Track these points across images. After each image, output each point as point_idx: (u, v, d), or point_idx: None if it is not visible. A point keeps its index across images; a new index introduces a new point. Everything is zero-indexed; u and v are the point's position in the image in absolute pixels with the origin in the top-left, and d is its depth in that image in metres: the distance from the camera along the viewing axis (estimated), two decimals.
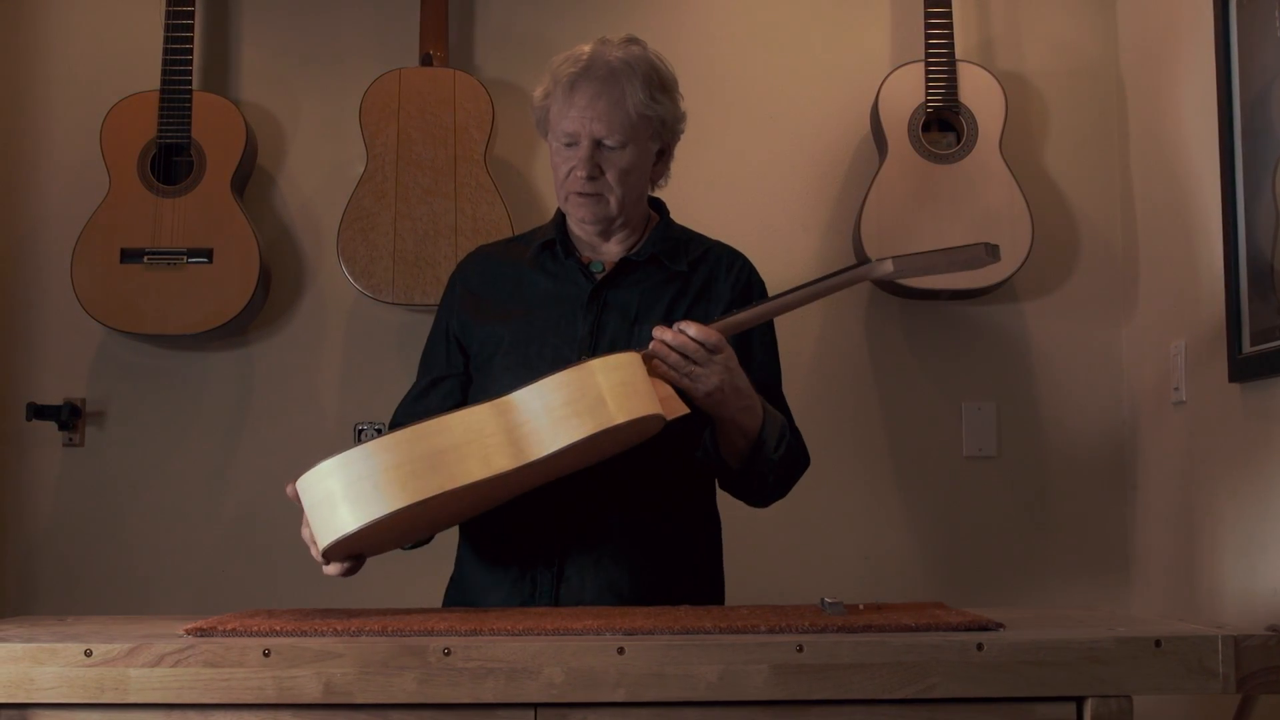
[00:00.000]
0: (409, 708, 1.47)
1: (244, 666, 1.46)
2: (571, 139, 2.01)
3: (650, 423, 1.78)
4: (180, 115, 2.91)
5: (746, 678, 1.45)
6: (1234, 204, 2.39)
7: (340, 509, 1.65)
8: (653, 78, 2.03)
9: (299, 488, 1.69)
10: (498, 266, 2.14)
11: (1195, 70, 2.60)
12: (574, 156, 2.00)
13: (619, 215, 2.05)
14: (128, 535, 3.00)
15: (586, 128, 1.99)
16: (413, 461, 1.64)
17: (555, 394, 1.71)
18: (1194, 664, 1.47)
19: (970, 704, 1.47)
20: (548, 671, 1.45)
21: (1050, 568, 3.00)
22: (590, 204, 2.03)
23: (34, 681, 1.47)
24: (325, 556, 1.74)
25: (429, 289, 2.84)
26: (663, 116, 2.04)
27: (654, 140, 2.06)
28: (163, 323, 2.87)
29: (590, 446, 1.74)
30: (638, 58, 2.03)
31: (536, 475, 1.78)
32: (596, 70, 1.99)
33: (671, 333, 1.84)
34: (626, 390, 1.74)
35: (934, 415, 3.03)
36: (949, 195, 2.88)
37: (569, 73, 2.00)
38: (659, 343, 1.85)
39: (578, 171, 2.00)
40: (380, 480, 1.63)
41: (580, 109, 1.99)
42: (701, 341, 1.84)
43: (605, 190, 2.02)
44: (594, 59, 2.00)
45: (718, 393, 1.86)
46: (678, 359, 1.84)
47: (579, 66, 2.00)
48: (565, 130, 2.01)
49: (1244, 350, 2.36)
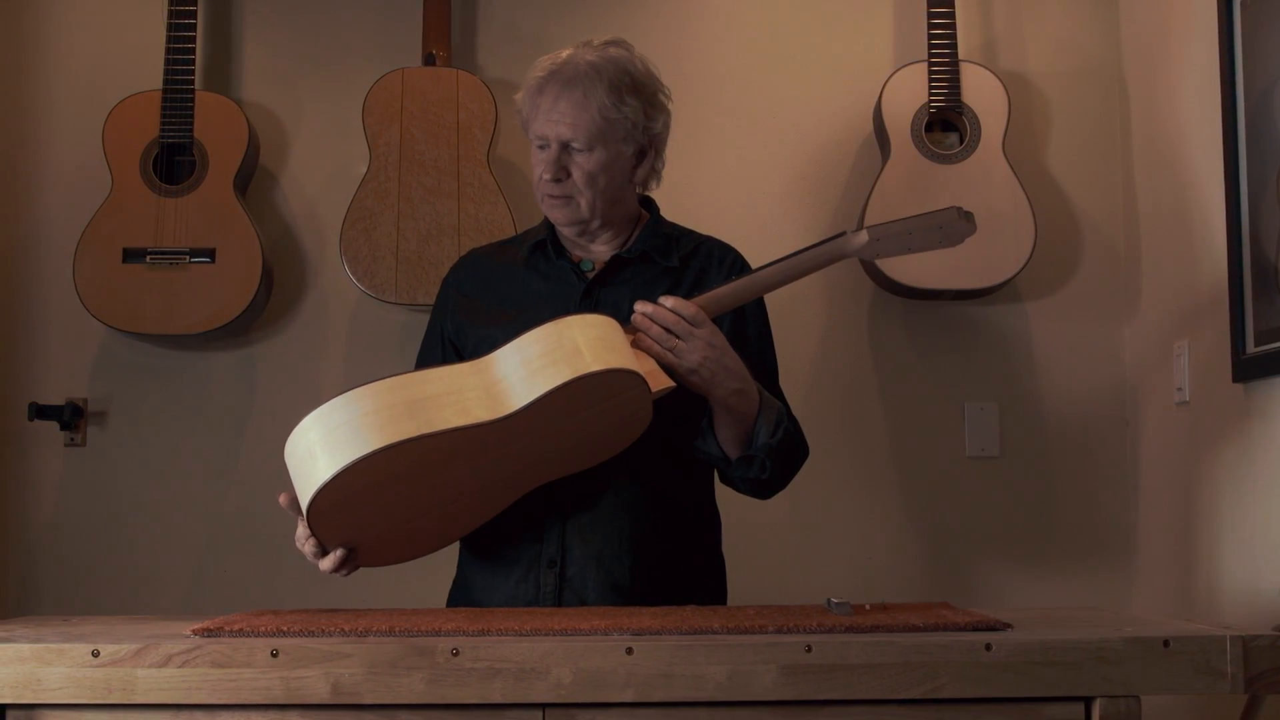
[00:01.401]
0: (417, 708, 1.47)
1: (252, 667, 1.46)
2: (542, 141, 2.04)
3: (632, 389, 1.79)
4: (182, 115, 2.90)
5: (755, 678, 1.45)
6: (1238, 203, 2.39)
7: (320, 460, 1.68)
8: (622, 80, 2.02)
9: (285, 455, 1.72)
10: (490, 269, 2.15)
11: (1197, 70, 2.60)
12: (544, 159, 2.03)
13: (592, 217, 2.06)
14: (129, 535, 2.99)
15: (553, 130, 2.01)
16: (391, 407, 1.68)
17: (532, 347, 1.76)
18: (1202, 664, 1.47)
19: (979, 704, 1.48)
20: (556, 672, 1.45)
21: (1052, 568, 3.00)
22: (560, 206, 2.05)
23: (41, 682, 1.47)
24: (311, 526, 1.77)
25: (432, 289, 2.82)
26: (632, 119, 2.03)
27: (627, 143, 2.05)
28: (165, 322, 2.87)
29: (572, 412, 1.75)
30: (609, 60, 2.03)
31: (528, 455, 1.78)
32: (564, 73, 2.01)
33: (652, 305, 1.89)
34: (604, 344, 1.77)
35: (936, 415, 3.04)
36: (952, 196, 2.88)
37: (537, 76, 2.03)
38: (640, 315, 1.89)
39: (544, 174, 2.03)
40: (359, 424, 1.67)
41: (545, 111, 2.02)
42: (679, 313, 1.88)
43: (573, 192, 2.03)
44: (566, 62, 2.03)
45: (704, 369, 1.89)
46: (659, 331, 1.89)
47: (546, 70, 2.03)
48: (536, 133, 2.04)
49: (1248, 350, 2.36)
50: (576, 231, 2.09)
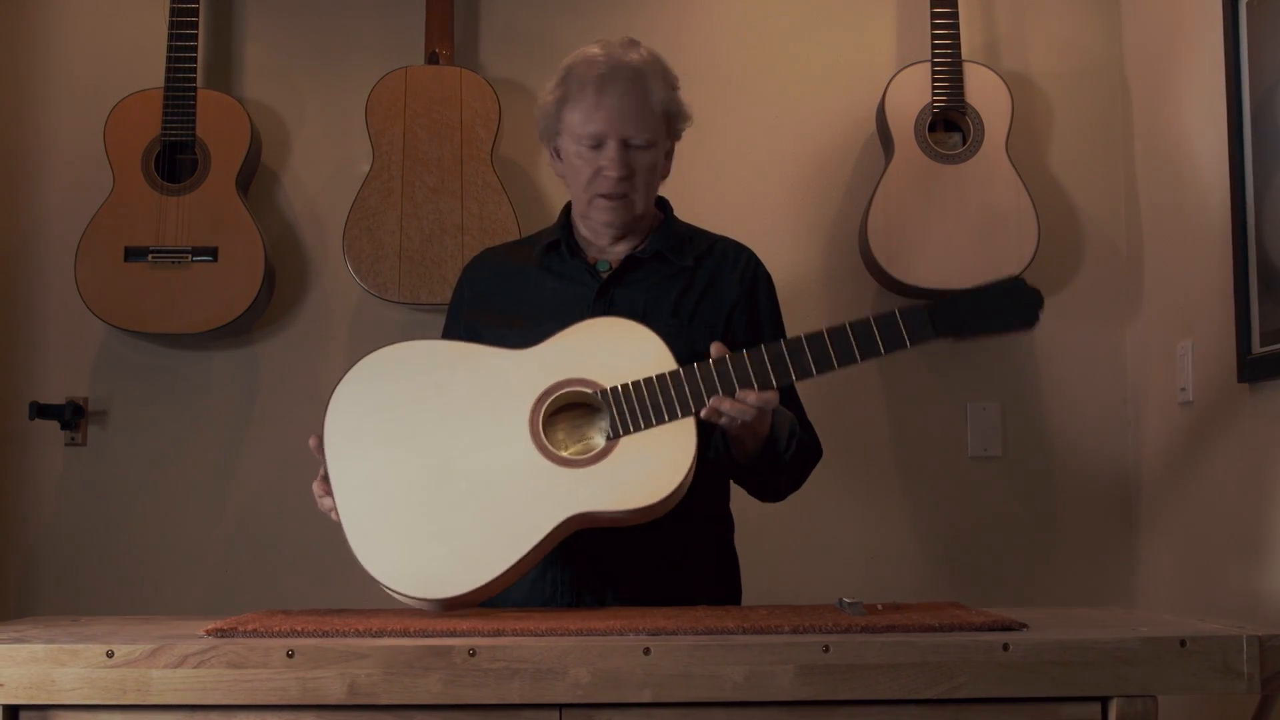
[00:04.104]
0: (434, 708, 1.47)
1: (268, 667, 1.46)
2: (596, 140, 2.00)
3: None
4: (184, 113, 2.89)
5: (773, 678, 1.45)
6: (1243, 202, 2.39)
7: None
8: (668, 77, 2.05)
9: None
10: (504, 269, 2.15)
11: (1200, 70, 2.60)
12: (601, 157, 2.00)
13: (641, 216, 2.07)
14: (130, 535, 2.98)
15: (614, 127, 1.99)
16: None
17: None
18: (1219, 664, 1.47)
19: (996, 704, 1.48)
20: (574, 672, 1.45)
21: (1055, 567, 3.00)
22: (617, 207, 2.03)
23: (55, 682, 1.47)
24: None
25: (435, 288, 2.83)
26: (678, 114, 2.06)
27: (668, 139, 2.07)
28: (166, 321, 2.85)
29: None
30: (652, 56, 2.05)
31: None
32: (622, 71, 2.00)
33: (730, 402, 1.79)
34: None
35: (939, 415, 3.04)
36: (955, 195, 2.89)
37: (595, 74, 1.99)
38: (713, 410, 1.80)
39: (609, 172, 2.00)
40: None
41: (609, 109, 1.98)
42: (762, 407, 1.81)
43: (632, 191, 2.02)
44: (614, 60, 2.01)
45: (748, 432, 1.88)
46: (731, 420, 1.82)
47: (604, 68, 2.00)
48: (590, 132, 2.00)
49: (1253, 350, 2.36)
50: (617, 233, 2.08)
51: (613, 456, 1.77)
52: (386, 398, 1.82)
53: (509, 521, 1.74)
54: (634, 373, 1.79)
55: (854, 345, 1.78)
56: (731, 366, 1.79)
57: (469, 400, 1.80)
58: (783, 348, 1.79)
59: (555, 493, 1.75)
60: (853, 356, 1.78)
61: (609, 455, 1.77)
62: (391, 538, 1.75)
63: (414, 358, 1.85)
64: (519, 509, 1.75)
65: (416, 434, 1.79)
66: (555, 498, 1.75)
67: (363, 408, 1.82)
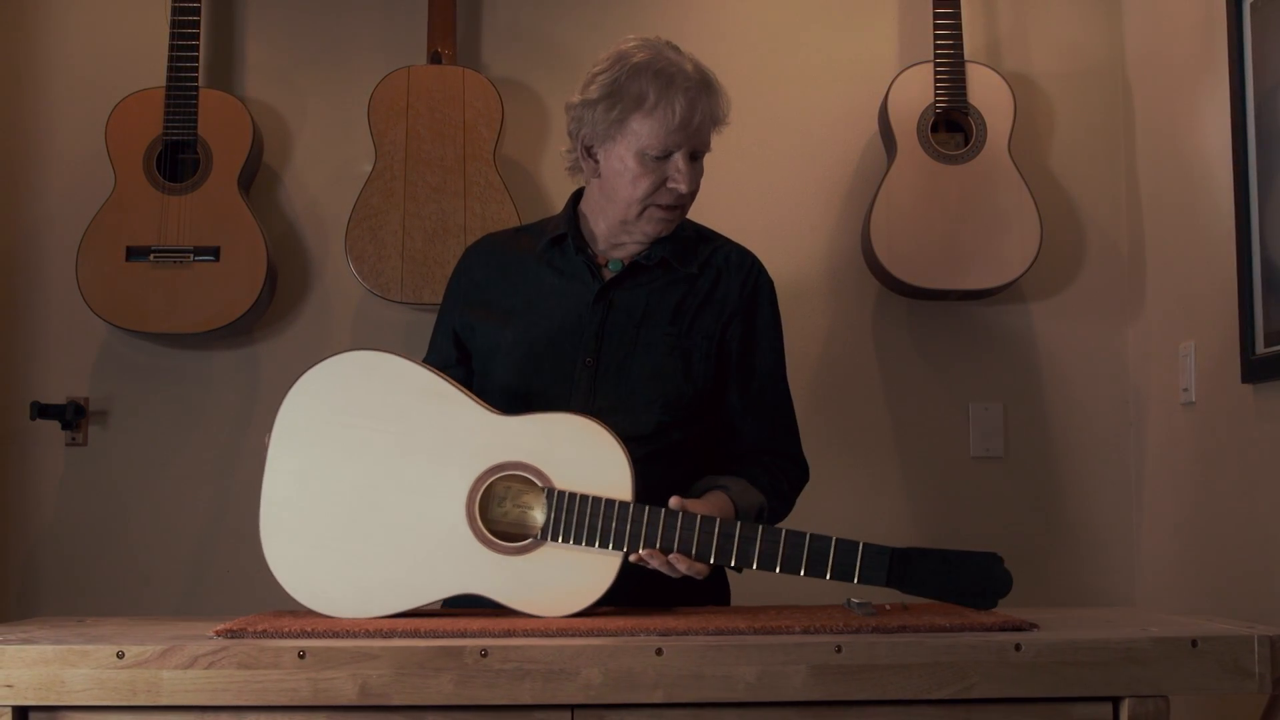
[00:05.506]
0: (445, 709, 1.46)
1: (279, 668, 1.46)
2: (665, 151, 1.94)
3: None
4: (186, 112, 2.89)
5: (785, 678, 1.45)
6: (1246, 202, 2.39)
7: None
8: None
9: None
10: (504, 258, 2.12)
11: (1203, 70, 2.61)
12: (668, 168, 1.95)
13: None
14: (131, 535, 2.98)
15: (698, 141, 1.95)
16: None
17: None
18: (1230, 664, 1.48)
19: (1008, 704, 1.48)
20: (586, 673, 1.45)
21: (1057, 568, 3.00)
22: (674, 219, 2.01)
23: (65, 683, 1.46)
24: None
25: (438, 288, 2.82)
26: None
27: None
28: (168, 321, 2.85)
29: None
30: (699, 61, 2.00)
31: None
32: (708, 86, 1.95)
33: (660, 559, 1.72)
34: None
35: (941, 415, 3.04)
36: (958, 196, 2.89)
37: (686, 87, 1.92)
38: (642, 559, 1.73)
39: (678, 186, 1.96)
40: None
41: (698, 124, 1.93)
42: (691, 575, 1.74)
43: (689, 202, 2.01)
44: (701, 74, 1.95)
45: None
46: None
47: (694, 81, 1.93)
48: (668, 145, 1.93)
49: (1257, 351, 2.36)
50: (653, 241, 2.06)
51: (533, 556, 1.71)
52: (349, 402, 1.78)
53: (413, 573, 1.71)
54: (589, 485, 1.72)
55: (803, 559, 1.69)
56: (679, 527, 1.72)
57: (424, 441, 1.75)
58: (735, 531, 1.71)
59: (467, 566, 1.71)
60: (797, 568, 1.69)
61: (530, 553, 1.72)
62: (299, 540, 1.73)
63: (392, 374, 1.79)
64: (428, 566, 1.71)
65: (362, 451, 1.75)
66: (465, 571, 1.71)
67: (324, 401, 1.79)
